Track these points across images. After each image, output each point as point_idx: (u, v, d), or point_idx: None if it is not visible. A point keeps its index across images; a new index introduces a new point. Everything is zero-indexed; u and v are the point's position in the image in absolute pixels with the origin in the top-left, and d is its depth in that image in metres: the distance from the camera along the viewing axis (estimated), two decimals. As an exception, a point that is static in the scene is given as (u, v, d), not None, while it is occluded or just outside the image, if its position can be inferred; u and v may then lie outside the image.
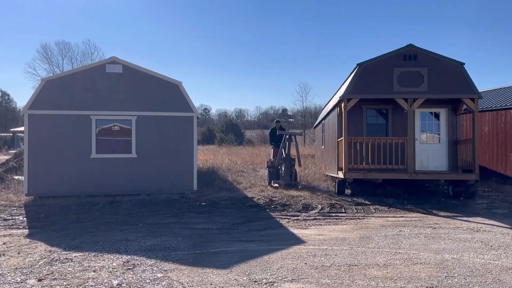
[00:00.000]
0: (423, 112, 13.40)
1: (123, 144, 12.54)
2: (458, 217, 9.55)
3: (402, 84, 11.99)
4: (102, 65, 12.51)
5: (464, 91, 11.99)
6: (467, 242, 7.10)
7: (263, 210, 10.36)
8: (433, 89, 11.96)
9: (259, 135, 56.24)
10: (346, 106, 12.07)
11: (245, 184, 14.48)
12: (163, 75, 12.73)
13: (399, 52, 12.09)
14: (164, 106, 12.63)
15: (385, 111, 13.50)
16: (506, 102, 15.31)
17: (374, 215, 9.90)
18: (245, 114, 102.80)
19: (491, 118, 15.54)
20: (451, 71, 12.01)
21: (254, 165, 21.29)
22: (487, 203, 11.42)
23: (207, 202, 11.23)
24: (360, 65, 12.15)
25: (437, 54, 12.11)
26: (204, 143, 46.09)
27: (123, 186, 12.30)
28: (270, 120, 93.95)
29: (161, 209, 10.44)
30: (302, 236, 7.62)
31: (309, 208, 10.51)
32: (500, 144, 15.24)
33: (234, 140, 45.50)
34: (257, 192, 12.65)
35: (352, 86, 12.12)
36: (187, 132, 12.72)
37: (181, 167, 12.63)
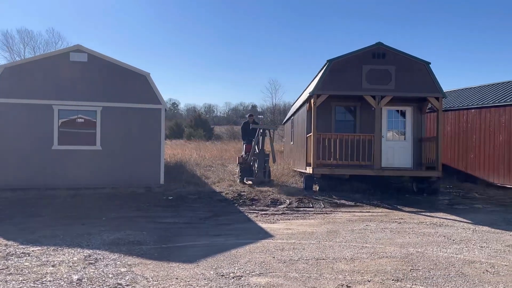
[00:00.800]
0: (390, 110, 13.66)
1: (87, 136, 12.11)
2: (422, 212, 9.78)
3: (370, 81, 12.16)
4: (66, 53, 12.02)
5: (430, 90, 12.29)
6: (431, 236, 7.26)
7: (231, 205, 10.27)
8: (400, 87, 12.19)
9: (228, 130, 55.90)
10: (315, 102, 12.13)
11: (213, 178, 14.34)
12: (131, 66, 12.37)
13: (368, 49, 12.24)
14: (131, 97, 12.28)
15: (353, 108, 13.67)
16: (467, 102, 15.83)
17: (341, 210, 9.99)
18: (214, 110, 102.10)
19: (454, 118, 16.04)
20: (417, 70, 12.28)
21: (223, 160, 21.15)
22: (449, 199, 11.77)
23: (174, 196, 11.03)
24: (330, 61, 12.23)
25: (405, 53, 12.35)
26: (172, 137, 45.38)
27: (87, 179, 11.89)
28: (239, 116, 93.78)
29: (126, 203, 10.17)
30: (270, 230, 7.58)
31: (277, 203, 10.50)
32: (462, 143, 15.75)
33: (203, 135, 45.03)
34: (225, 187, 12.54)
35: (322, 82, 12.18)
36: (154, 124, 12.42)
37: (148, 160, 12.34)
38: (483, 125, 14.79)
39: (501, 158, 14.08)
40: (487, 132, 14.62)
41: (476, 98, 15.84)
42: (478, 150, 15.01)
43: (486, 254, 6.09)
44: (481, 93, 16.16)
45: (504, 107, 13.92)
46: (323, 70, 12.41)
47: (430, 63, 12.31)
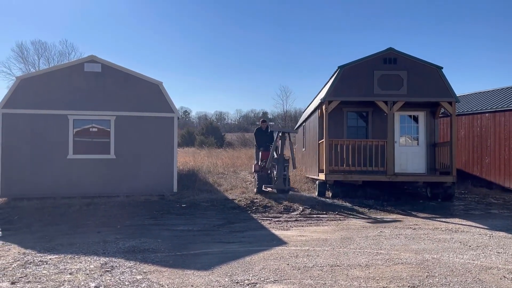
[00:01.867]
0: (403, 115, 13.59)
1: (101, 145, 12.27)
2: (437, 218, 9.68)
3: (382, 87, 12.13)
4: (80, 63, 12.23)
5: (442, 94, 12.21)
6: (446, 242, 7.18)
7: (244, 212, 10.29)
8: (412, 92, 12.13)
9: (239, 138, 56.02)
10: (327, 108, 12.13)
11: (225, 186, 14.38)
12: (143, 75, 12.54)
13: (380, 55, 12.23)
14: (144, 106, 12.43)
15: (365, 114, 13.63)
16: (481, 106, 15.66)
17: (355, 216, 9.94)
18: (226, 117, 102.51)
19: (467, 122, 15.88)
20: (429, 75, 12.21)
21: (235, 167, 21.19)
22: (464, 205, 11.63)
23: (188, 204, 11.08)
24: (341, 67, 12.24)
25: (416, 58, 12.30)
26: (184, 145, 45.65)
27: (101, 187, 12.04)
28: (250, 123, 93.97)
29: (140, 211, 10.25)
30: (283, 237, 7.57)
31: (290, 210, 10.49)
32: (476, 148, 15.58)
33: (215, 143, 45.19)
34: (238, 194, 12.56)
35: (334, 89, 12.19)
36: (167, 133, 12.54)
37: (161, 169, 12.44)
38: (497, 129, 14.61)
39: (517, 163, 13.88)
40: (502, 136, 14.44)
41: (490, 102, 15.68)
42: (493, 155, 14.82)
43: (503, 260, 6.01)
44: (495, 97, 15.99)
45: (518, 110, 13.75)
46: (335, 76, 12.41)
47: (442, 67, 12.24)
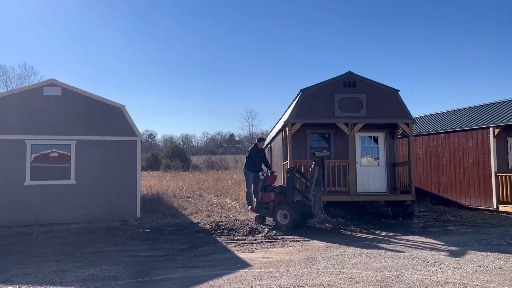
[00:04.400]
0: (363, 136, 14.02)
1: (61, 170, 11.93)
2: (397, 236, 9.94)
3: (343, 109, 12.51)
4: (39, 87, 11.96)
5: (400, 116, 12.71)
6: (406, 259, 7.39)
7: (209, 235, 10.20)
8: (371, 114, 12.57)
9: (206, 160, 55.73)
10: (290, 130, 12.36)
11: (191, 209, 14.23)
12: (105, 98, 12.39)
13: (340, 79, 12.65)
14: (106, 130, 12.24)
15: (327, 135, 13.97)
16: (437, 127, 16.40)
17: (319, 237, 10.05)
18: (192, 140, 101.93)
19: (425, 142, 16.56)
20: (387, 98, 12.71)
21: (201, 190, 21.06)
22: (423, 222, 11.99)
23: (151, 229, 10.88)
24: (303, 90, 12.56)
25: (374, 81, 12.80)
26: (148, 169, 44.91)
27: (61, 214, 11.64)
28: (217, 145, 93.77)
29: (102, 238, 9.96)
30: (248, 260, 7.56)
31: (255, 232, 10.49)
32: (433, 167, 16.21)
33: (180, 166, 44.78)
34: (203, 218, 12.46)
35: (296, 111, 12.46)
36: (130, 156, 12.36)
37: (124, 193, 12.20)
38: (452, 148, 15.31)
39: (471, 181, 14.54)
40: (456, 156, 15.13)
41: (445, 122, 16.45)
42: (449, 173, 15.46)
43: (459, 274, 6.24)
44: (450, 118, 16.80)
45: (471, 131, 14.50)
46: (297, 99, 12.71)
47: (398, 90, 12.78)
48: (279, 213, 10.73)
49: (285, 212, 10.67)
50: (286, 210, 10.66)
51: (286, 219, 10.64)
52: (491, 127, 13.71)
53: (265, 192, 11.27)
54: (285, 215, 10.66)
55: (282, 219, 10.68)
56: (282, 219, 10.68)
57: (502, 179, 13.40)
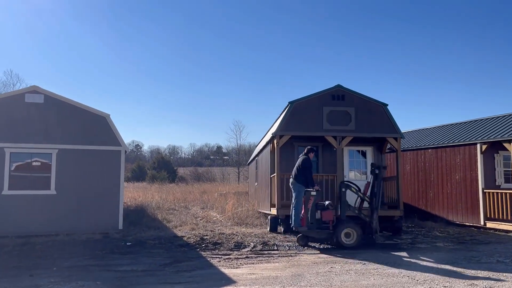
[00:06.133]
0: (351, 150, 13.93)
1: (41, 180, 11.54)
2: (386, 252, 9.75)
3: (331, 122, 12.41)
4: (21, 94, 11.63)
5: (388, 131, 12.65)
6: (395, 277, 7.19)
7: (193, 250, 9.88)
8: (360, 128, 12.49)
9: (192, 172, 55.29)
10: (278, 142, 12.19)
11: (175, 222, 13.90)
12: (90, 107, 12.09)
13: (328, 92, 12.57)
14: (90, 139, 11.92)
15: (315, 149, 13.78)
16: (425, 142, 16.41)
17: (306, 252, 9.81)
18: (179, 151, 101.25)
19: (412, 157, 16.53)
20: (376, 112, 12.66)
21: (186, 202, 20.71)
22: (411, 238, 11.85)
23: (133, 242, 10.52)
24: (291, 103, 12.44)
25: (363, 95, 12.75)
26: (134, 180, 44.32)
27: (39, 225, 11.22)
28: (204, 157, 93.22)
29: (81, 251, 9.57)
30: (233, 276, 7.28)
31: (241, 246, 10.21)
32: (421, 182, 16.17)
33: (167, 177, 44.25)
34: (187, 231, 12.14)
35: (285, 123, 12.32)
36: (114, 167, 12.03)
37: (106, 205, 11.83)
38: (440, 164, 15.29)
39: (458, 197, 14.50)
40: (444, 171, 15.10)
41: (433, 138, 16.47)
42: (437, 189, 15.42)
43: (449, 294, 6.05)
44: (438, 133, 16.83)
45: (458, 147, 14.51)
46: (285, 112, 12.58)
47: (387, 104, 12.75)
48: (343, 233, 9.94)
49: (349, 231, 9.93)
50: (351, 228, 9.92)
51: (348, 238, 9.96)
52: (479, 143, 13.72)
53: (323, 210, 10.12)
54: (348, 234, 9.96)
55: (345, 239, 9.95)
56: (346, 239, 9.95)
57: (489, 195, 13.36)
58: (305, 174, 10.31)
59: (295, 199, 10.28)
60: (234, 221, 14.35)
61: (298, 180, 10.36)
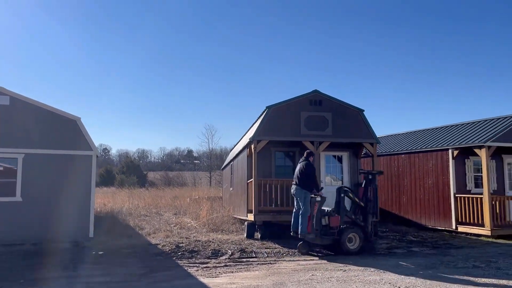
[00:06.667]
0: (328, 155, 13.92)
1: (6, 186, 10.94)
2: (364, 258, 9.72)
3: (309, 127, 12.37)
4: (-16, 95, 10.99)
5: (364, 136, 12.73)
6: (376, 284, 7.14)
7: (169, 258, 9.55)
8: (337, 133, 12.51)
9: (163, 176, 54.36)
10: (256, 147, 12.03)
11: (148, 229, 13.48)
12: (59, 110, 11.56)
13: (306, 97, 12.54)
14: (59, 143, 11.38)
15: (292, 154, 13.75)
16: (398, 147, 16.65)
17: (285, 259, 9.67)
18: (148, 155, 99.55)
19: (386, 162, 16.73)
20: (352, 117, 12.72)
21: (158, 208, 20.23)
22: (387, 243, 11.91)
23: (105, 251, 10.08)
24: (269, 107, 12.32)
25: (340, 101, 12.79)
26: (102, 185, 43.15)
27: (4, 234, 10.61)
28: (174, 161, 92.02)
29: (50, 261, 9.07)
30: (213, 286, 7.04)
31: (218, 254, 9.96)
32: (394, 187, 16.38)
33: (136, 182, 43.30)
34: (162, 238, 11.78)
35: (262, 128, 12.18)
36: (84, 172, 11.53)
37: (76, 212, 11.31)
38: (413, 169, 15.53)
39: (431, 201, 14.75)
40: (417, 176, 15.35)
41: (406, 143, 16.73)
42: (410, 194, 15.65)
43: (433, 301, 6.04)
44: (410, 138, 17.11)
45: (431, 152, 14.78)
46: (263, 116, 12.45)
47: (363, 110, 12.83)
48: (348, 238, 9.95)
49: (352, 235, 9.96)
50: (355, 233, 9.95)
51: (351, 243, 9.99)
52: (450, 149, 14.02)
53: (331, 216, 10.03)
54: (350, 239, 9.99)
55: (349, 244, 9.96)
56: (349, 244, 9.96)
57: (460, 200, 13.66)
58: (310, 180, 10.10)
59: (303, 205, 9.95)
60: (209, 227, 14.07)
61: (303, 186, 10.06)
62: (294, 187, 10.22)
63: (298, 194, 10.10)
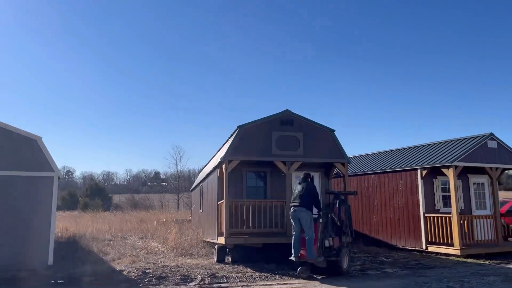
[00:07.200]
0: (299, 175, 13.75)
1: (-44, 210, 10.10)
2: (338, 280, 9.49)
3: (280, 147, 12.21)
4: None
5: (336, 156, 12.69)
6: (354, 307, 6.91)
7: (135, 286, 9.00)
8: (308, 153, 12.40)
9: (129, 199, 52.82)
10: (227, 167, 11.74)
11: (113, 255, 12.80)
12: (18, 128, 10.93)
13: (277, 116, 12.42)
14: (18, 164, 10.71)
15: (263, 174, 13.53)
16: (368, 167, 16.75)
17: (258, 283, 9.31)
18: (114, 177, 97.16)
19: (356, 183, 16.77)
20: (324, 137, 12.68)
21: (124, 232, 19.42)
22: (360, 265, 11.76)
23: (66, 279, 9.40)
24: (240, 127, 12.11)
25: (311, 120, 12.74)
26: (65, 208, 41.42)
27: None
28: (141, 183, 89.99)
29: (3, 292, 8.35)
30: (183, 315, 6.60)
31: (188, 280, 9.48)
32: (365, 207, 16.39)
33: (101, 205, 41.82)
34: (127, 264, 11.17)
35: (233, 148, 11.92)
36: (45, 195, 10.86)
37: (35, 238, 10.57)
38: (383, 189, 15.62)
39: (401, 221, 14.81)
40: (387, 196, 15.43)
41: (375, 163, 16.86)
42: (380, 214, 15.68)
43: (413, 324, 5.85)
44: (380, 159, 17.27)
45: (400, 172, 14.92)
46: (234, 136, 12.21)
47: (334, 130, 12.83)
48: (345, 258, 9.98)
49: (346, 254, 10.12)
50: (347, 253, 10.15)
51: (344, 263, 10.08)
52: (419, 169, 14.20)
53: (334, 237, 10.04)
54: (344, 259, 10.08)
55: (344, 263, 10.01)
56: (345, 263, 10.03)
57: (430, 219, 13.77)
58: (316, 201, 10.11)
59: (310, 228, 9.72)
60: (177, 251, 13.51)
61: (308, 207, 9.85)
62: (298, 209, 9.90)
63: (304, 216, 9.81)
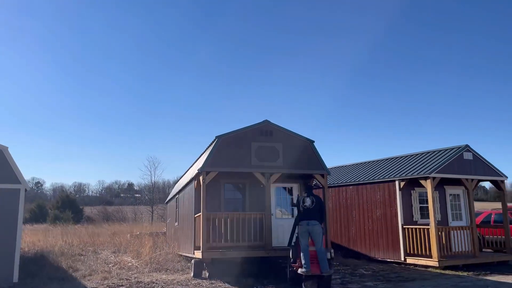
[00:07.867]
0: (278, 187, 13.56)
1: None
2: (320, 295, 9.26)
3: (259, 158, 11.96)
4: None
5: (315, 167, 12.52)
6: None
7: (106, 304, 8.51)
8: (288, 164, 12.19)
9: (101, 212, 51.37)
10: (205, 179, 11.39)
11: (83, 271, 12.18)
12: (-17, 137, 10.31)
13: (256, 127, 12.19)
14: (-19, 175, 10.07)
15: (242, 186, 13.25)
16: (346, 179, 16.68)
17: (237, 299, 8.97)
18: (86, 189, 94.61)
19: (334, 194, 16.67)
20: (303, 148, 12.50)
21: (95, 246, 18.68)
22: (340, 278, 11.57)
23: (31, 299, 8.82)
24: (219, 137, 11.82)
25: (290, 131, 12.55)
26: (33, 221, 39.84)
27: None
28: (114, 195, 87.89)
29: (-39, 314, 7.72)
30: (158, 337, 6.20)
31: (163, 297, 9.05)
32: (343, 219, 16.28)
33: (71, 218, 40.46)
34: (99, 281, 10.62)
35: (212, 159, 11.60)
36: (10, 208, 10.26)
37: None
38: (361, 201, 15.55)
39: (379, 233, 14.74)
40: (365, 208, 15.36)
41: (353, 175, 16.81)
42: (359, 226, 15.59)
43: None
44: (358, 170, 17.24)
45: (378, 183, 14.90)
46: (212, 146, 11.90)
47: (314, 141, 12.68)
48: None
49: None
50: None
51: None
52: (397, 180, 14.20)
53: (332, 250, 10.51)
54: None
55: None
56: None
57: (408, 231, 13.74)
58: (324, 213, 10.00)
59: (321, 241, 9.63)
60: (152, 266, 12.99)
61: (320, 220, 9.85)
62: (312, 223, 9.68)
63: (317, 230, 9.67)
